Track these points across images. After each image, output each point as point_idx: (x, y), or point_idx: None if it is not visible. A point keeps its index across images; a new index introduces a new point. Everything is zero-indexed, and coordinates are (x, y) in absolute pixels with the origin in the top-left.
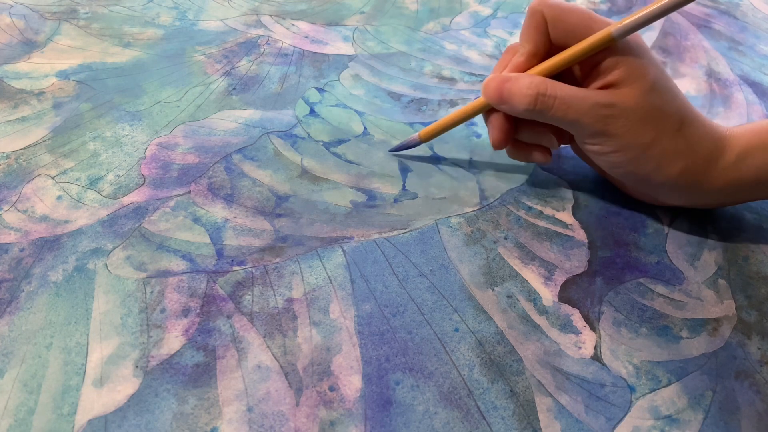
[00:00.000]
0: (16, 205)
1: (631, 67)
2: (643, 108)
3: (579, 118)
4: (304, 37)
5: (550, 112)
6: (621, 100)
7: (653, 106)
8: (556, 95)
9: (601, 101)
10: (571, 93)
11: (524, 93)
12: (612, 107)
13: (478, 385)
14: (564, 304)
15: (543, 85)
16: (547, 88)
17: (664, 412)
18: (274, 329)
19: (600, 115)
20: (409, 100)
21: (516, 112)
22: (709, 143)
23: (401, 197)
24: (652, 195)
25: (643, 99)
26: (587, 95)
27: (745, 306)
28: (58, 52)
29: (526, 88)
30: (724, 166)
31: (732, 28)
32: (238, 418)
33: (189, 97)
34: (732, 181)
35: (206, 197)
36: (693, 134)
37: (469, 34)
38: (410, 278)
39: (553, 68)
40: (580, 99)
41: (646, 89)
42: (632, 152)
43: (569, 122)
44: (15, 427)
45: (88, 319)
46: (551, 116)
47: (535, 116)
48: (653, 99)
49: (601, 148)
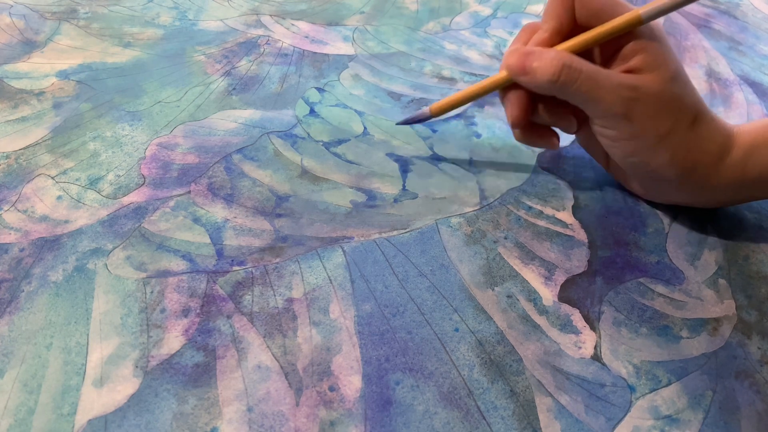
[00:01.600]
0: (16, 205)
1: (654, 54)
2: (664, 95)
3: (602, 96)
4: (304, 37)
5: (575, 85)
6: (644, 84)
7: (673, 95)
8: (582, 69)
9: (626, 82)
10: (597, 70)
11: (549, 64)
12: (636, 90)
13: (478, 385)
14: (564, 304)
15: (569, 59)
16: (573, 62)
17: (664, 412)
18: (274, 329)
19: (623, 96)
20: (409, 100)
21: (538, 85)
22: (719, 140)
23: (401, 197)
24: (657, 191)
25: (665, 86)
26: (612, 74)
27: (745, 306)
28: (58, 52)
29: (552, 59)
30: (731, 164)
31: (732, 28)
32: (238, 418)
33: (189, 97)
34: (738, 179)
35: (206, 197)
36: (704, 129)
37: (469, 34)
38: (410, 278)
39: (578, 46)
40: (605, 77)
41: (668, 77)
42: (647, 141)
43: (592, 99)
44: (15, 427)
45: (88, 319)
46: (575, 91)
47: (558, 91)
48: (674, 88)
49: (618, 133)
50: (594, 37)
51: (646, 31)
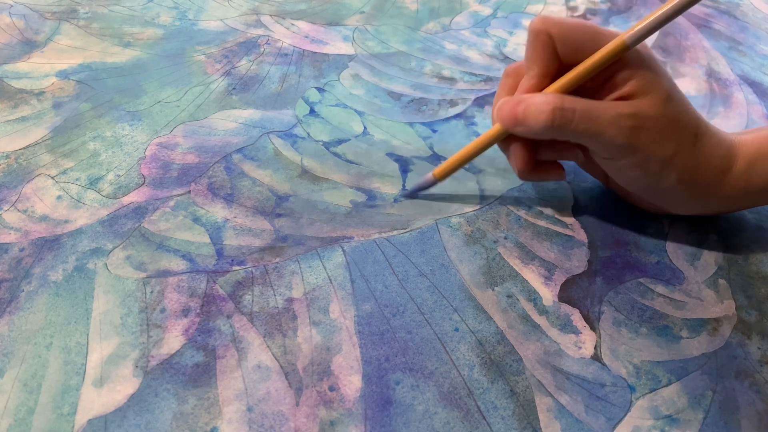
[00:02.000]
0: (16, 205)
1: (645, 78)
2: (663, 118)
3: (603, 130)
4: (304, 36)
5: (572, 125)
6: (642, 109)
7: (671, 116)
8: (575, 108)
9: (624, 112)
10: (592, 105)
11: (541, 110)
12: (635, 118)
13: (478, 384)
14: (564, 304)
15: (559, 100)
16: (564, 102)
17: (664, 412)
18: (274, 329)
19: (624, 126)
20: (409, 99)
21: (534, 132)
22: (722, 153)
23: (401, 197)
24: (663, 206)
25: (663, 108)
26: (608, 106)
27: (745, 306)
28: (58, 51)
29: (542, 104)
30: (735, 175)
31: (732, 28)
32: (238, 417)
33: (189, 97)
34: (742, 189)
35: (206, 197)
36: (707, 144)
37: (469, 33)
38: (410, 278)
39: (568, 85)
40: (602, 110)
41: (664, 99)
42: (654, 166)
43: (592, 135)
44: (15, 426)
45: (88, 319)
46: (572, 130)
47: (555, 134)
48: (670, 109)
49: (624, 162)
50: (582, 73)
51: (633, 55)
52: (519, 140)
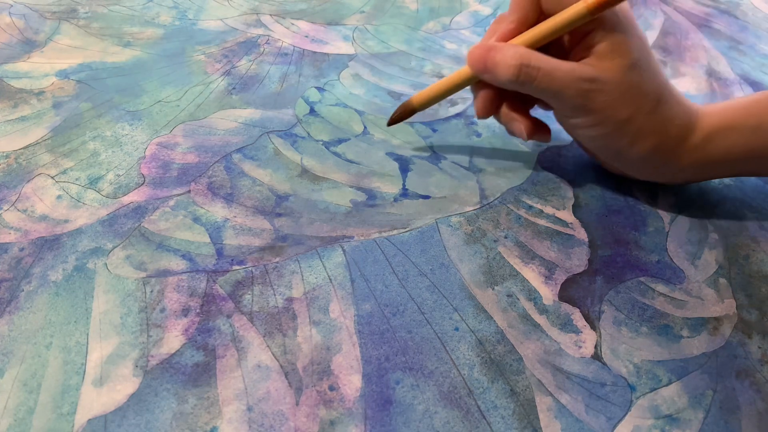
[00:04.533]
0: (16, 205)
1: (614, 43)
2: (622, 85)
3: (561, 91)
4: (304, 36)
5: (534, 83)
6: (603, 75)
7: (632, 83)
8: (539, 67)
9: (584, 75)
10: (555, 66)
11: (508, 63)
12: (594, 82)
13: (478, 384)
14: (564, 303)
15: (527, 57)
16: (531, 60)
17: (664, 412)
18: (274, 329)
19: (582, 89)
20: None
21: (500, 82)
22: (681, 122)
23: (401, 196)
24: (623, 169)
25: (624, 76)
26: (571, 69)
27: (745, 305)
28: (57, 51)
29: (510, 58)
30: (692, 145)
31: (732, 28)
32: (237, 417)
33: (189, 97)
34: (700, 160)
35: (206, 197)
36: (667, 113)
37: (469, 33)
38: (410, 277)
39: (536, 38)
40: (563, 72)
41: (627, 66)
42: (608, 127)
43: (552, 94)
44: (15, 426)
45: (88, 318)
46: (534, 87)
47: (519, 87)
48: (633, 76)
49: (580, 121)
50: (549, 30)
51: (611, 19)
52: (486, 85)
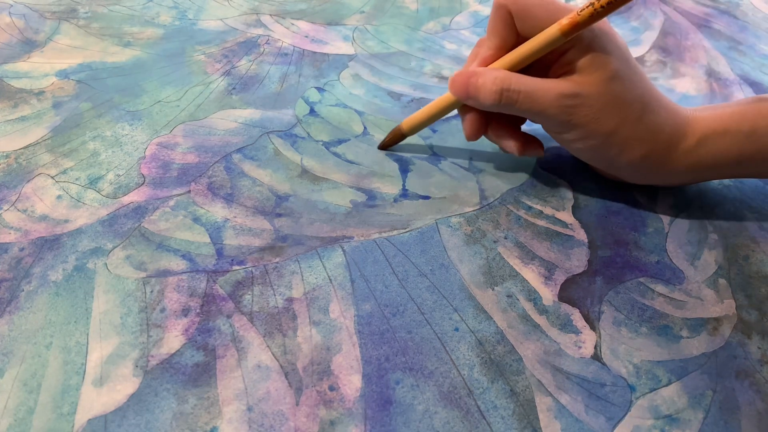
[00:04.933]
0: (16, 205)
1: (592, 57)
2: (604, 97)
3: (544, 110)
4: (304, 36)
5: (516, 105)
6: (584, 89)
7: (615, 94)
8: (520, 90)
9: (565, 92)
10: (536, 86)
11: (489, 89)
12: (575, 98)
13: (478, 384)
14: (564, 304)
15: (507, 80)
16: (511, 83)
17: (664, 412)
18: (274, 329)
19: (564, 105)
20: (409, 99)
21: (483, 106)
22: (670, 129)
23: (401, 197)
24: (617, 175)
25: (605, 88)
26: (551, 87)
27: (745, 305)
28: (57, 51)
29: (491, 83)
30: (684, 151)
31: (732, 28)
32: (237, 417)
33: (189, 97)
34: (692, 164)
35: (206, 197)
36: (654, 120)
37: (469, 33)
38: (410, 278)
39: (515, 61)
40: (544, 91)
41: (608, 78)
42: (596, 140)
43: (535, 114)
44: (15, 426)
45: (88, 318)
46: (517, 108)
47: (502, 110)
48: (614, 87)
49: (567, 136)
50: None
51: (587, 34)
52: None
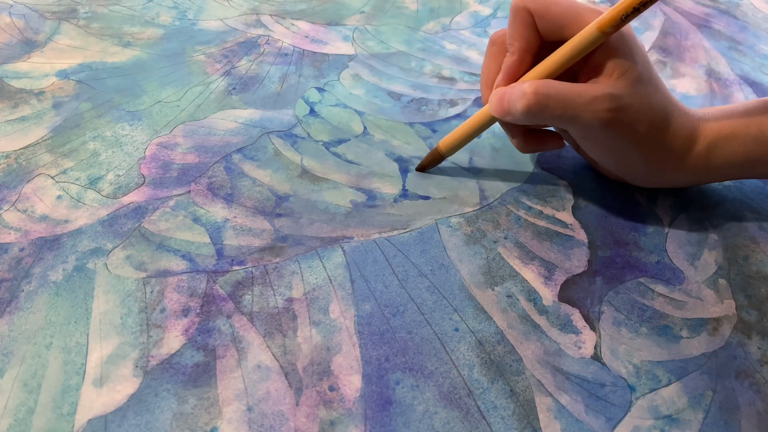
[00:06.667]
0: (16, 205)
1: (620, 60)
2: (636, 99)
3: (579, 114)
4: (304, 36)
5: (548, 110)
6: (617, 91)
7: (645, 97)
8: (549, 94)
9: (599, 94)
10: (567, 89)
11: (519, 101)
12: (610, 99)
13: (478, 384)
14: (564, 304)
15: (535, 88)
16: (539, 89)
17: (664, 412)
18: (274, 329)
19: (599, 109)
20: (409, 99)
21: (519, 120)
22: (685, 133)
23: (401, 197)
24: (626, 179)
25: (634, 90)
26: (584, 89)
27: (745, 305)
28: (57, 51)
29: (521, 95)
30: (696, 155)
31: (732, 28)
32: (238, 417)
33: (189, 97)
34: (702, 168)
35: (206, 197)
36: (673, 126)
37: (469, 33)
38: (410, 278)
39: (553, 68)
40: (576, 94)
41: (635, 80)
42: (626, 146)
43: (568, 119)
44: (15, 426)
45: (88, 318)
46: (549, 115)
47: (536, 119)
48: (642, 90)
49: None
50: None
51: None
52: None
